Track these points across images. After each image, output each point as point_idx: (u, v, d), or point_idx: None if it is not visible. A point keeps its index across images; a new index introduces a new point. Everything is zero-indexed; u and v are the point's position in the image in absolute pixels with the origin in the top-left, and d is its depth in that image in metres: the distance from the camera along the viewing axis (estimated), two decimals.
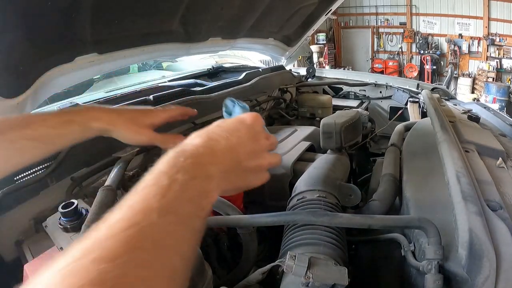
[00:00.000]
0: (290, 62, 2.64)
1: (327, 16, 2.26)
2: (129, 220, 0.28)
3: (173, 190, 0.32)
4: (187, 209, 0.32)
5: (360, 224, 0.74)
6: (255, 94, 1.96)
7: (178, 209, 0.31)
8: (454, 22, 8.82)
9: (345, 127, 1.18)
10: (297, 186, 1.03)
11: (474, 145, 1.08)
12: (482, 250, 0.56)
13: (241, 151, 0.45)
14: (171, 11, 1.33)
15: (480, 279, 0.54)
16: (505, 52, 8.17)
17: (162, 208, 0.30)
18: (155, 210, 0.29)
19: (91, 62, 1.17)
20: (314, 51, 8.55)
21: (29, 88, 1.00)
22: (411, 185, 0.95)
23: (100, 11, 1.04)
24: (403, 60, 10.09)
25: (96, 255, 0.24)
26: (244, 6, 1.60)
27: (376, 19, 10.19)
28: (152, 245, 0.27)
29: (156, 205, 0.30)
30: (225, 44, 1.86)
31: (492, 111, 1.62)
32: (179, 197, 0.32)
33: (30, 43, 0.93)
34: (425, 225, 0.67)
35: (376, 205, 0.96)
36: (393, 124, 1.63)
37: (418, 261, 0.70)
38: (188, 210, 0.33)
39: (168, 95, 1.50)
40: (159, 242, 0.28)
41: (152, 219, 0.29)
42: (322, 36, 10.42)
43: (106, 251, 0.25)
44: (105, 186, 0.84)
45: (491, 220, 0.65)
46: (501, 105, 7.51)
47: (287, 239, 0.83)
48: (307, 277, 0.61)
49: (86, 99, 1.64)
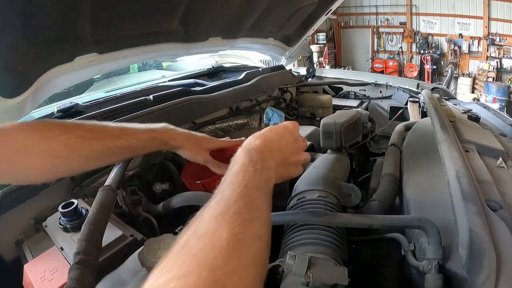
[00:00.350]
0: (290, 62, 2.64)
1: (327, 16, 2.26)
2: (240, 192, 0.44)
3: (257, 175, 0.49)
4: (265, 187, 0.49)
5: (360, 224, 0.74)
6: (255, 94, 1.96)
7: (262, 186, 0.48)
8: (454, 22, 8.81)
9: (345, 127, 1.18)
10: (297, 186, 1.03)
11: (474, 145, 1.08)
12: (482, 250, 0.56)
13: (288, 150, 0.63)
14: (171, 11, 1.33)
15: (480, 279, 0.54)
16: (505, 52, 8.17)
17: (255, 185, 0.47)
18: (254, 187, 0.46)
19: (91, 62, 1.17)
20: (314, 51, 8.55)
21: (29, 88, 1.00)
22: (411, 185, 0.95)
23: (100, 11, 1.04)
24: (403, 60, 10.09)
25: (232, 212, 0.40)
26: (244, 6, 1.60)
27: (376, 19, 10.19)
28: (259, 206, 0.44)
29: (252, 183, 0.47)
30: (225, 44, 1.86)
31: (492, 111, 1.62)
32: (260, 180, 0.49)
33: (30, 43, 0.93)
34: (425, 225, 0.67)
35: (376, 205, 0.95)
36: (393, 124, 1.63)
37: (418, 261, 0.70)
38: (265, 188, 0.49)
39: (168, 95, 1.50)
40: (262, 206, 0.45)
41: (252, 192, 0.45)
42: (322, 36, 10.41)
43: (237, 209, 0.41)
44: (105, 186, 0.83)
45: (491, 220, 0.65)
46: (501, 105, 7.51)
47: (287, 239, 0.83)
48: (307, 277, 0.61)
49: (86, 99, 1.64)
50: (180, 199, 0.97)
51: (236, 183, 0.46)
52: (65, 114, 1.31)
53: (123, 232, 0.82)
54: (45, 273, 0.74)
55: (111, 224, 0.82)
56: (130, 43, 1.29)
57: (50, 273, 0.74)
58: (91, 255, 0.62)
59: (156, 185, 1.16)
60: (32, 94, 1.02)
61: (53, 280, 0.73)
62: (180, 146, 0.79)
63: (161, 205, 1.02)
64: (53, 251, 0.81)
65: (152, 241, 0.64)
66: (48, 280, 0.73)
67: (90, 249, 0.63)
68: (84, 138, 0.67)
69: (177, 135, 0.79)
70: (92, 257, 0.62)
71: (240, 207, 0.41)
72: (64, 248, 0.80)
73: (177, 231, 0.78)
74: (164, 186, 1.15)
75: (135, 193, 1.10)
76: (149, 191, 1.18)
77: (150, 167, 1.28)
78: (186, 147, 0.80)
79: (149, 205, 1.07)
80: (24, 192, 0.93)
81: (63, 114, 1.31)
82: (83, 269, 0.59)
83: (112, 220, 0.85)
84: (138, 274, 0.63)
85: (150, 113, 1.27)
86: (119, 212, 1.00)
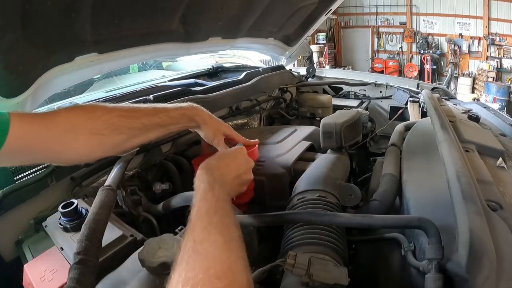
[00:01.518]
0: (290, 62, 2.64)
1: (327, 16, 2.26)
2: (215, 206, 0.56)
3: (222, 190, 0.62)
4: (228, 198, 0.63)
5: (360, 224, 0.74)
6: (255, 93, 1.96)
7: (226, 198, 0.62)
8: (454, 22, 8.81)
9: (345, 127, 1.18)
10: (297, 186, 1.03)
11: (474, 144, 1.08)
12: (482, 250, 0.56)
13: (241, 169, 0.76)
14: (171, 11, 1.32)
15: (480, 279, 0.54)
16: (505, 51, 8.16)
17: (221, 198, 0.60)
18: (222, 199, 0.60)
19: (91, 62, 1.17)
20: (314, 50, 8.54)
21: (29, 88, 1.00)
22: (411, 185, 0.94)
23: (100, 11, 1.04)
24: (403, 60, 10.08)
25: (215, 221, 0.53)
26: (244, 5, 1.60)
27: (376, 19, 10.19)
28: (229, 213, 0.57)
29: (220, 197, 0.60)
30: (225, 43, 1.86)
31: (492, 111, 1.62)
32: (224, 193, 0.62)
33: (30, 43, 0.93)
34: (425, 225, 0.67)
35: (376, 205, 0.95)
36: (393, 124, 1.63)
37: (418, 261, 0.70)
38: (227, 199, 0.63)
39: (168, 95, 1.50)
40: (230, 212, 0.58)
41: (223, 203, 0.59)
42: (322, 36, 10.41)
43: (219, 218, 0.54)
44: (105, 186, 0.84)
45: (491, 220, 0.65)
46: (501, 104, 7.51)
47: (287, 239, 0.83)
48: (307, 277, 0.61)
49: (86, 98, 1.64)
50: (180, 199, 0.97)
51: (209, 199, 0.58)
52: None
53: (123, 232, 0.82)
54: (45, 273, 0.74)
55: (111, 224, 0.82)
56: (130, 43, 1.29)
57: (50, 273, 0.74)
58: (91, 255, 0.62)
59: (156, 185, 1.16)
60: (32, 94, 1.02)
61: (53, 280, 0.73)
62: (204, 122, 0.86)
63: (161, 205, 1.02)
64: (53, 251, 0.81)
65: (152, 241, 0.64)
66: (48, 280, 0.73)
67: (90, 249, 0.63)
68: (123, 117, 0.74)
69: (202, 112, 0.86)
70: (92, 257, 0.63)
71: (221, 216, 0.54)
72: (64, 248, 0.80)
73: (177, 231, 0.78)
74: (164, 186, 1.15)
75: (135, 193, 1.10)
76: (149, 191, 1.18)
77: (150, 167, 1.28)
78: (209, 124, 0.86)
79: (149, 205, 1.07)
80: (24, 192, 0.93)
81: None
82: (83, 269, 0.59)
83: (112, 220, 0.85)
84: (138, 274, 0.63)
85: None
86: (119, 212, 1.00)
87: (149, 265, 0.60)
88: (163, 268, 0.59)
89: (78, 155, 0.72)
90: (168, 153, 1.34)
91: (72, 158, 0.74)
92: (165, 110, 0.81)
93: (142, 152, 1.22)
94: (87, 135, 0.68)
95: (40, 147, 0.64)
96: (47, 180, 0.99)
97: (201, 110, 0.87)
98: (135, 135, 0.77)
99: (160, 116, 0.79)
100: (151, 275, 0.61)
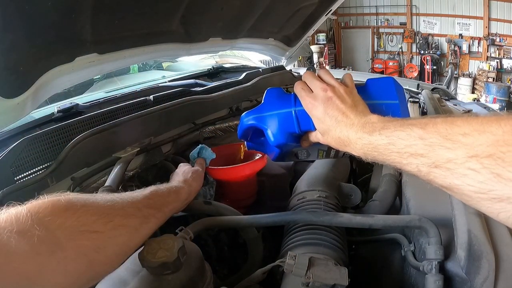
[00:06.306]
0: (290, 62, 2.64)
1: (327, 16, 2.26)
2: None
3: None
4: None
5: (361, 224, 0.74)
6: (255, 94, 1.96)
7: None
8: (454, 22, 8.82)
9: None
10: (297, 186, 1.03)
11: None
12: (481, 251, 0.56)
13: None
14: (171, 11, 1.33)
15: (479, 279, 0.54)
16: (505, 52, 8.16)
17: None
18: None
19: (91, 62, 1.17)
20: (314, 51, 8.54)
21: (29, 88, 1.00)
22: (411, 185, 0.95)
23: (100, 11, 1.04)
24: (403, 60, 10.09)
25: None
26: (244, 6, 1.60)
27: (376, 19, 10.19)
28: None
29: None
30: (226, 44, 1.86)
31: (493, 111, 1.62)
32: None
33: (30, 43, 0.93)
34: (425, 225, 0.67)
35: (376, 205, 0.96)
36: None
37: (418, 261, 0.70)
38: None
39: (168, 95, 1.50)
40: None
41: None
42: (322, 36, 10.41)
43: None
44: (105, 186, 0.84)
45: (490, 221, 0.65)
46: (501, 105, 7.51)
47: (287, 239, 0.83)
48: (307, 277, 0.61)
49: (86, 99, 1.64)
50: None
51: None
52: (65, 114, 1.31)
53: None
54: None
55: None
56: (130, 43, 1.29)
57: None
58: None
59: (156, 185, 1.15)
60: (32, 94, 1.02)
61: None
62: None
63: None
64: None
65: (152, 241, 0.64)
66: None
67: None
68: None
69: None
70: None
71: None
72: None
73: (177, 231, 0.78)
74: None
75: None
76: None
77: (150, 168, 1.28)
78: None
79: None
80: (24, 192, 0.93)
81: (63, 114, 1.31)
82: None
83: None
84: (138, 274, 0.63)
85: (150, 113, 1.27)
86: None
87: (149, 265, 0.60)
88: (163, 268, 0.59)
89: None
90: (168, 153, 1.34)
91: None
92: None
93: (142, 153, 1.22)
94: None
95: None
96: (47, 180, 0.99)
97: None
98: None
99: None
100: (151, 275, 0.61)
